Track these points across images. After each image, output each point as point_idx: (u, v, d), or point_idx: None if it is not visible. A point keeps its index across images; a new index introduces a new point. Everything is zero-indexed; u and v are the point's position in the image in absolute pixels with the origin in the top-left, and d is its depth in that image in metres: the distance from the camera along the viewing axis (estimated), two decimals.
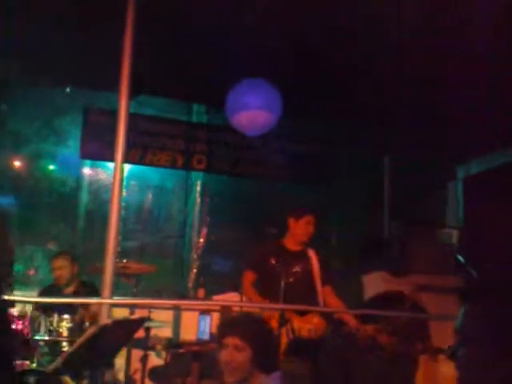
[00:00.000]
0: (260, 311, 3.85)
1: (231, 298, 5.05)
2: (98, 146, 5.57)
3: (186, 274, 6.20)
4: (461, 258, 4.52)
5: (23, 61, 4.94)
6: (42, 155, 6.29)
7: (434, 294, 5.33)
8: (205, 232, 6.26)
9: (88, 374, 3.68)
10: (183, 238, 6.38)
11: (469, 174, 6.70)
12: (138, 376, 4.25)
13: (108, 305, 3.47)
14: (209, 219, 6.30)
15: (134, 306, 4.08)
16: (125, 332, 3.26)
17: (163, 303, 4.63)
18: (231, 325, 2.60)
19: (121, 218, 4.31)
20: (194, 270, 6.15)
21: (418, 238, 5.90)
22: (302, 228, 4.11)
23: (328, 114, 6.04)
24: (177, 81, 5.37)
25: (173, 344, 4.56)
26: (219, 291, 5.70)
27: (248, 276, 4.10)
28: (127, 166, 5.79)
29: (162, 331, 4.65)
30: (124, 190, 5.59)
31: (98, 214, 5.97)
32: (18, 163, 6.31)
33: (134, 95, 4.27)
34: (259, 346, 2.42)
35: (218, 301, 5.32)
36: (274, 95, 4.72)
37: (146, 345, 4.20)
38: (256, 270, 4.06)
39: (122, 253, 5.15)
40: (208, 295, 5.65)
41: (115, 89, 3.80)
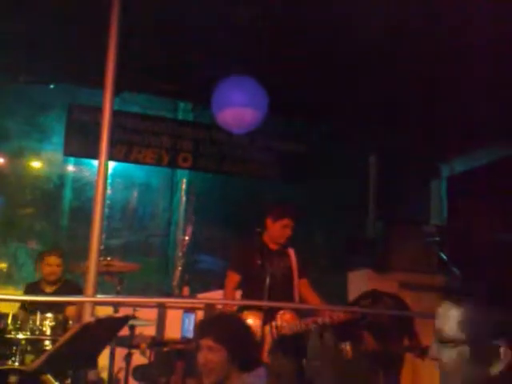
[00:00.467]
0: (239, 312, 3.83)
1: (216, 296, 5.04)
2: (82, 143, 5.53)
3: (170, 273, 6.18)
4: (444, 256, 4.56)
5: (6, 57, 4.88)
6: (26, 152, 6.23)
7: (417, 292, 5.37)
8: (190, 230, 6.24)
9: (71, 372, 3.66)
10: (168, 237, 6.36)
11: (453, 172, 6.76)
12: (121, 375, 4.23)
13: (91, 303, 3.44)
14: (194, 217, 6.29)
15: (117, 305, 4.05)
16: (108, 330, 3.24)
17: (147, 301, 4.60)
18: (204, 326, 2.61)
19: (105, 216, 4.29)
20: (179, 268, 6.13)
21: (401, 236, 5.94)
22: (278, 230, 4.05)
23: (315, 113, 6.07)
24: (163, 78, 5.35)
25: (157, 342, 4.54)
26: (204, 289, 5.70)
27: (232, 278, 4.02)
28: (112, 164, 5.76)
29: (147, 329, 4.62)
30: (108, 188, 5.58)
31: (82, 212, 5.92)
32: (0, 160, 6.25)
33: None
34: (235, 346, 2.41)
35: (202, 299, 5.31)
36: (260, 93, 4.71)
37: (130, 343, 4.18)
38: (240, 272, 4.01)
39: (106, 251, 5.13)
40: (193, 293, 5.64)
41: (100, 85, 3.77)
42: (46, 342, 3.85)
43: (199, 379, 2.48)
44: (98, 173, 3.64)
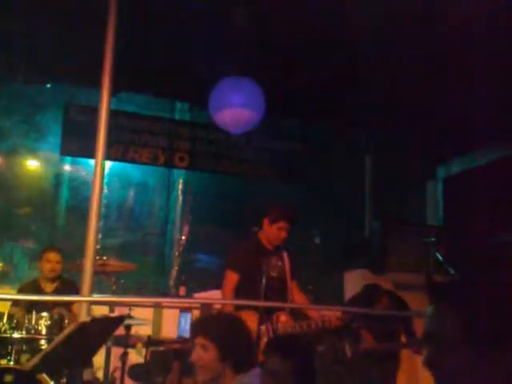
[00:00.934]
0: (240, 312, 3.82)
1: (213, 296, 5.04)
2: (79, 142, 5.53)
3: (167, 272, 6.18)
4: (440, 257, 4.57)
5: (3, 56, 4.87)
6: (22, 151, 6.22)
7: (413, 292, 5.38)
8: (186, 229, 6.24)
9: (67, 372, 3.66)
10: (165, 236, 6.36)
11: (449, 173, 6.78)
12: (117, 374, 4.23)
13: (87, 302, 3.44)
14: (191, 217, 6.29)
15: (113, 304, 4.05)
16: (104, 330, 3.23)
17: (143, 301, 4.60)
18: (199, 324, 2.62)
19: (101, 216, 4.30)
20: (176, 268, 6.13)
21: (397, 237, 5.96)
22: (274, 233, 4.06)
23: (311, 113, 6.07)
24: (160, 78, 5.34)
25: (153, 342, 4.53)
26: (201, 289, 5.69)
27: (231, 277, 4.00)
28: (108, 163, 5.75)
29: (143, 329, 4.62)
30: (105, 187, 5.58)
31: (79, 211, 5.92)
32: None
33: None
34: (228, 345, 2.40)
35: (199, 299, 5.31)
36: (257, 93, 4.71)
37: (126, 343, 4.18)
38: (239, 270, 4.01)
39: (102, 250, 5.12)
40: (189, 293, 5.64)
41: (97, 85, 3.77)
42: (42, 342, 3.84)
43: (195, 378, 2.48)
44: (95, 172, 3.64)
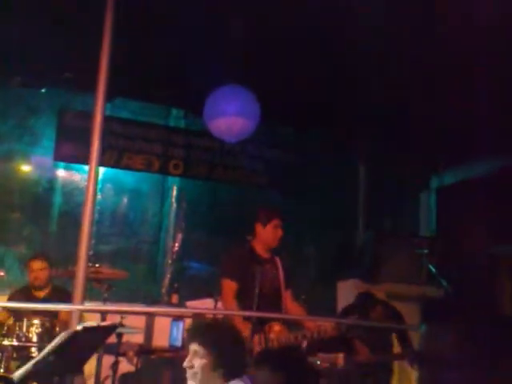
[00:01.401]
0: (234, 321, 3.80)
1: (205, 304, 5.01)
2: (73, 148, 5.51)
3: (159, 279, 6.15)
4: (432, 269, 4.57)
5: None
6: (16, 155, 6.18)
7: (406, 303, 5.38)
8: (180, 237, 6.22)
9: (57, 380, 3.62)
10: (158, 243, 6.33)
11: (443, 184, 6.80)
12: (108, 382, 4.19)
13: (79, 311, 3.41)
14: (184, 224, 6.26)
15: (105, 312, 4.02)
16: (96, 339, 3.20)
17: (136, 311, 4.56)
18: (194, 331, 2.63)
19: (94, 222, 4.26)
20: (168, 276, 6.10)
21: (390, 247, 5.96)
22: (270, 232, 4.05)
23: (305, 122, 6.09)
24: (155, 85, 5.34)
25: (144, 350, 4.50)
26: (193, 297, 5.66)
27: (230, 286, 3.95)
28: (102, 169, 5.72)
29: (134, 337, 4.59)
30: (99, 194, 5.55)
31: (72, 217, 5.88)
32: None
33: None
34: (221, 353, 2.42)
35: (191, 308, 5.28)
36: (252, 102, 4.72)
37: (118, 351, 4.15)
38: (236, 278, 3.98)
39: (95, 257, 5.09)
40: (182, 301, 5.60)
41: (92, 91, 3.76)
42: (33, 349, 3.81)
43: None
44: (89, 178, 3.63)
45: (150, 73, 5.11)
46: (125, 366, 4.34)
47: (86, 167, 4.20)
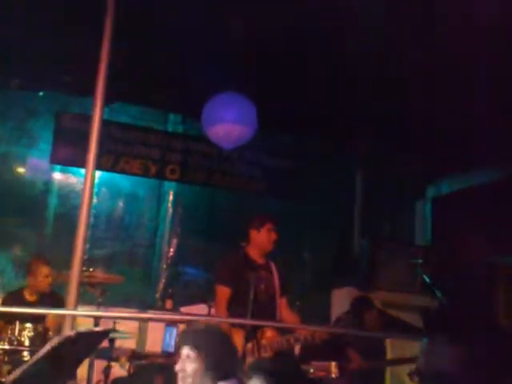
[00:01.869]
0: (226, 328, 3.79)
1: (200, 310, 5.00)
2: (70, 151, 5.50)
3: (154, 284, 6.12)
4: (427, 278, 4.57)
5: None
6: (12, 157, 6.16)
7: (400, 312, 5.38)
8: (175, 242, 6.20)
9: None
10: (153, 248, 6.31)
11: (439, 193, 6.80)
12: None
13: (72, 316, 3.39)
14: (180, 229, 6.24)
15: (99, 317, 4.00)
16: (89, 344, 3.18)
17: (129, 316, 4.54)
18: (186, 335, 2.66)
19: (90, 226, 4.24)
20: (163, 281, 6.08)
21: (385, 256, 5.96)
22: (265, 236, 4.09)
23: (303, 129, 6.09)
24: (153, 89, 5.34)
25: (137, 355, 4.48)
26: (187, 302, 5.65)
27: (223, 292, 3.97)
28: (98, 173, 5.71)
29: (127, 342, 4.57)
30: (94, 197, 5.53)
31: (67, 219, 5.85)
32: None
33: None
34: (212, 357, 2.44)
35: (185, 314, 5.26)
36: (249, 109, 4.73)
37: (110, 356, 4.13)
38: (230, 285, 3.98)
39: (89, 261, 5.07)
40: (176, 306, 5.58)
41: (90, 95, 3.76)
42: (25, 353, 3.78)
43: None
44: (85, 182, 3.62)
45: (149, 77, 5.11)
46: (117, 371, 4.33)
47: (82, 170, 4.19)
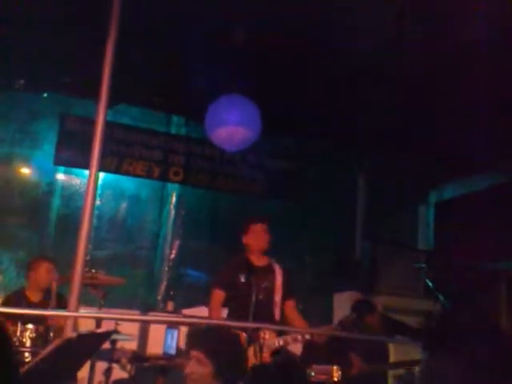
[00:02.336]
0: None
1: (201, 312, 5.00)
2: (73, 153, 5.52)
3: (155, 286, 6.13)
4: (429, 283, 4.57)
5: (1, 63, 4.87)
6: (16, 158, 6.18)
7: (402, 316, 5.37)
8: (177, 244, 6.20)
9: None
10: (155, 250, 6.32)
11: (442, 198, 6.80)
12: None
13: (73, 317, 3.39)
14: (182, 231, 6.25)
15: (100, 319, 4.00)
16: (90, 345, 3.19)
17: (129, 318, 4.54)
18: (197, 337, 2.65)
19: (93, 227, 4.25)
20: (165, 283, 6.08)
21: (387, 259, 5.96)
22: (251, 238, 4.13)
23: (305, 132, 6.10)
24: (157, 92, 5.36)
25: (138, 357, 4.48)
26: (189, 305, 5.65)
27: (217, 295, 4.02)
28: (102, 174, 5.72)
29: (129, 344, 4.57)
30: (98, 198, 5.54)
31: (70, 221, 5.86)
32: None
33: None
34: (223, 363, 2.44)
35: (186, 316, 5.27)
36: (253, 112, 4.73)
37: (111, 357, 4.13)
38: (225, 289, 4.01)
39: (91, 262, 5.07)
40: (177, 308, 5.59)
41: (94, 97, 3.76)
42: (26, 354, 3.78)
43: None
44: (88, 184, 3.61)
45: (152, 79, 5.12)
46: (118, 373, 4.32)
47: (85, 172, 4.20)
